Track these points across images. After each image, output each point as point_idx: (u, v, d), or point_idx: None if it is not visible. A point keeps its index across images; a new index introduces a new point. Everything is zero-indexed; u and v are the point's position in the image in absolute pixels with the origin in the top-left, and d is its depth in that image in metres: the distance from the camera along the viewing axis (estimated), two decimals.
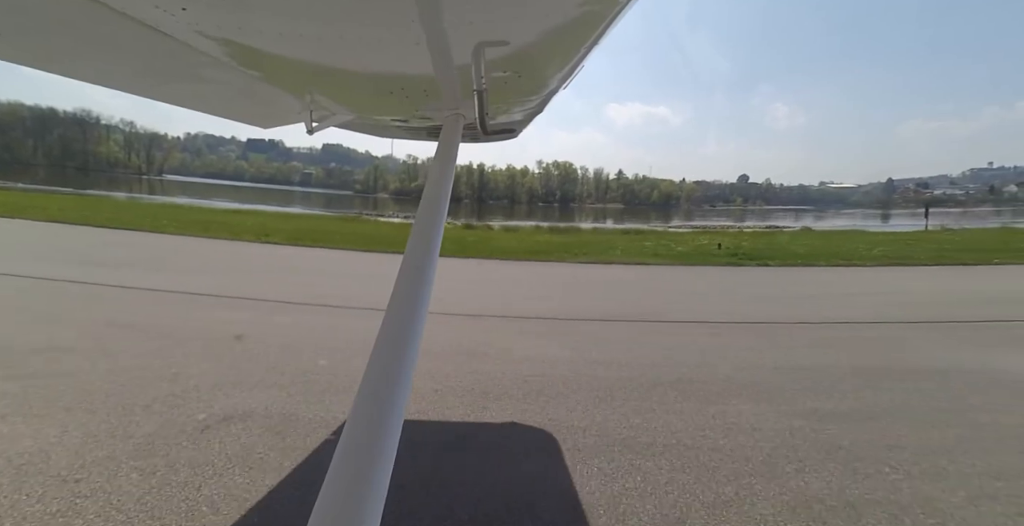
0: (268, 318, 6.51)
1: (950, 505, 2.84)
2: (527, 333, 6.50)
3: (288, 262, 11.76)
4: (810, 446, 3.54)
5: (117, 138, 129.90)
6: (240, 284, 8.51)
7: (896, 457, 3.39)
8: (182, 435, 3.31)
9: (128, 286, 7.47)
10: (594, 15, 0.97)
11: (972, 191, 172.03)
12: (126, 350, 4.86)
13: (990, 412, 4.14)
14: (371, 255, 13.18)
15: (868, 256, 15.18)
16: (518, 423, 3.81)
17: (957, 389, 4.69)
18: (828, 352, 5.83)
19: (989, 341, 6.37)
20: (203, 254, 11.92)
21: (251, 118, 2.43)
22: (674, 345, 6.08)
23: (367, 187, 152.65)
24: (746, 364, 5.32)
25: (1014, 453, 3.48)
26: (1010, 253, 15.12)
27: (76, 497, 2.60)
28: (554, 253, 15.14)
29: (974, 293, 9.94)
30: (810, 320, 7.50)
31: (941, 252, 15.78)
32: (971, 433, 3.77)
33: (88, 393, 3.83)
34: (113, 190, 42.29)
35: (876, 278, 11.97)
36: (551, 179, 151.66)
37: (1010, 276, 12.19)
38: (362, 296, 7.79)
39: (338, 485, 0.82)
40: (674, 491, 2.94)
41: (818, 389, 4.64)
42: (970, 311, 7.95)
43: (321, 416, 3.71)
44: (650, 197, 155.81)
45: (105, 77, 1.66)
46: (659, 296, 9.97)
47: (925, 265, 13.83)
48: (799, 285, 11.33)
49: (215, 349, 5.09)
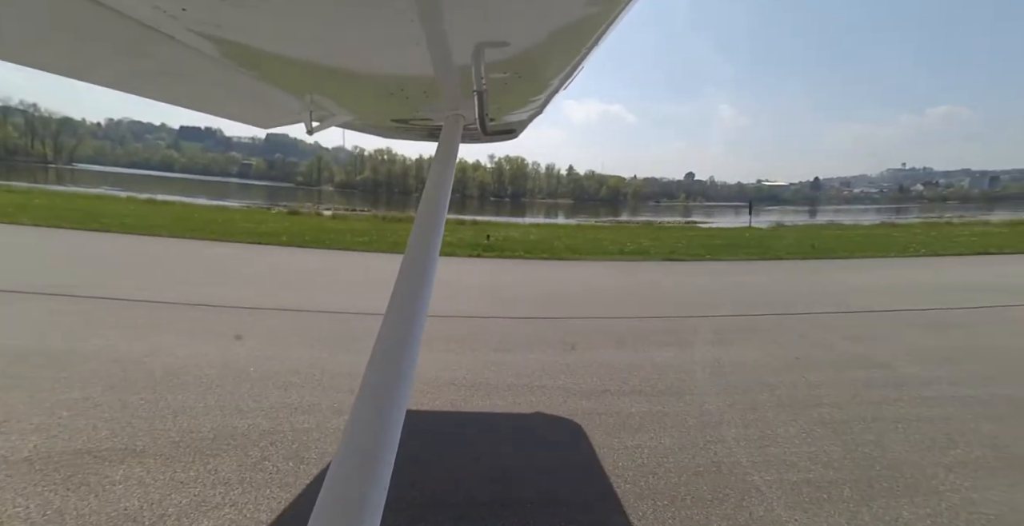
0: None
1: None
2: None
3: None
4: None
5: (16, 122, 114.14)
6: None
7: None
8: None
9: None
10: (594, 16, 0.98)
11: (885, 190, 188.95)
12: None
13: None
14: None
15: (602, 251, 15.08)
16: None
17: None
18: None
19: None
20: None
21: (251, 118, 2.41)
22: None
23: (309, 179, 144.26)
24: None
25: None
26: (748, 249, 15.79)
27: None
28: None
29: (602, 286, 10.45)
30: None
31: (679, 248, 16.02)
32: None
33: None
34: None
35: (526, 269, 12.14)
36: (503, 174, 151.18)
37: (676, 272, 12.51)
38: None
39: (338, 485, 0.82)
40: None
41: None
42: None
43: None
44: (599, 193, 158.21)
45: (105, 77, 1.65)
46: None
47: (649, 260, 13.91)
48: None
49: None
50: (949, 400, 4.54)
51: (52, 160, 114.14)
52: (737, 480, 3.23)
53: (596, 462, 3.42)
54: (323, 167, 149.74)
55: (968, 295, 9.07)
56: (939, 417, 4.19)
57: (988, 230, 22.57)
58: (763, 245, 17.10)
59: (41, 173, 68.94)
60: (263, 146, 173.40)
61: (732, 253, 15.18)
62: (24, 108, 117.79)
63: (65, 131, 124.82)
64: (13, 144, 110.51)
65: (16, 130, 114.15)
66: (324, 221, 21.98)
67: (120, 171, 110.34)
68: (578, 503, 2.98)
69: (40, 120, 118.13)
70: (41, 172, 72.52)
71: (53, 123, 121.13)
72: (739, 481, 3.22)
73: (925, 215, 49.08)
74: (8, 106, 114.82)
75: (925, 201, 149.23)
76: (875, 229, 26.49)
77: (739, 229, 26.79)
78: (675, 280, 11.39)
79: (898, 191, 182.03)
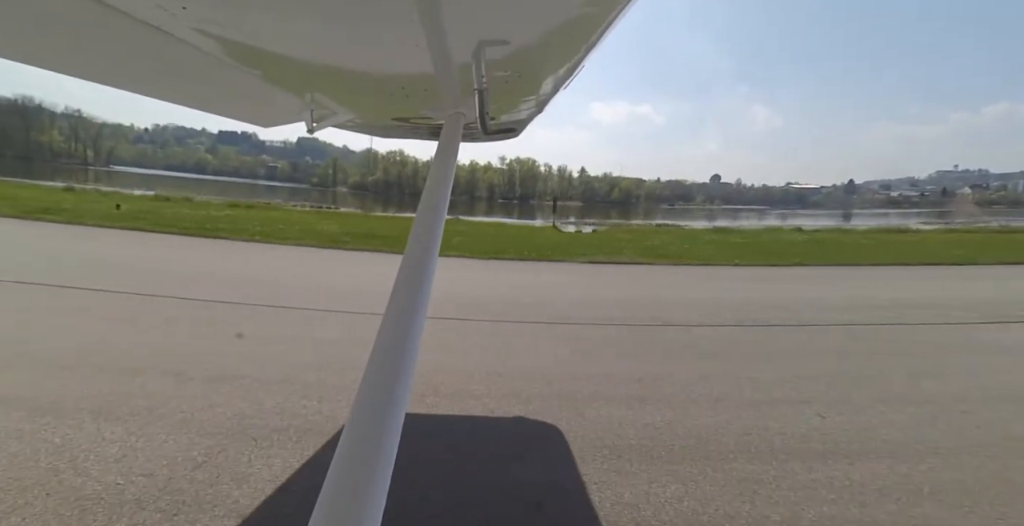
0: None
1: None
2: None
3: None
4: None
5: (63, 126, 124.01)
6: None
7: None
8: None
9: None
10: (596, 15, 0.97)
11: (927, 193, 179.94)
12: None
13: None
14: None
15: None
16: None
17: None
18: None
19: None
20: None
21: (252, 117, 2.41)
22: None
23: (324, 181, 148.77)
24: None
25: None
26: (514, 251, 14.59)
27: None
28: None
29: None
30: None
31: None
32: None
33: None
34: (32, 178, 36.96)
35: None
36: (514, 175, 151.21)
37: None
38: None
39: (338, 485, 0.82)
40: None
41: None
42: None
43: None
44: (610, 195, 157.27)
45: (105, 76, 1.65)
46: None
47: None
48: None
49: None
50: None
51: (92, 162, 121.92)
52: None
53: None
54: (338, 169, 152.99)
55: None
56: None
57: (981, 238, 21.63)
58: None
59: (81, 174, 73.17)
60: (293, 150, 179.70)
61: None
62: (70, 113, 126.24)
63: (109, 136, 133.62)
64: (58, 147, 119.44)
65: (61, 134, 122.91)
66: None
67: (156, 173, 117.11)
68: None
69: (81, 124, 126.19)
70: (81, 173, 76.97)
71: (94, 127, 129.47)
72: None
73: (938, 220, 46.93)
74: (54, 112, 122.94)
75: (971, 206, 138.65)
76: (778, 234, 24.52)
77: (543, 229, 24.59)
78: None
79: (941, 194, 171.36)
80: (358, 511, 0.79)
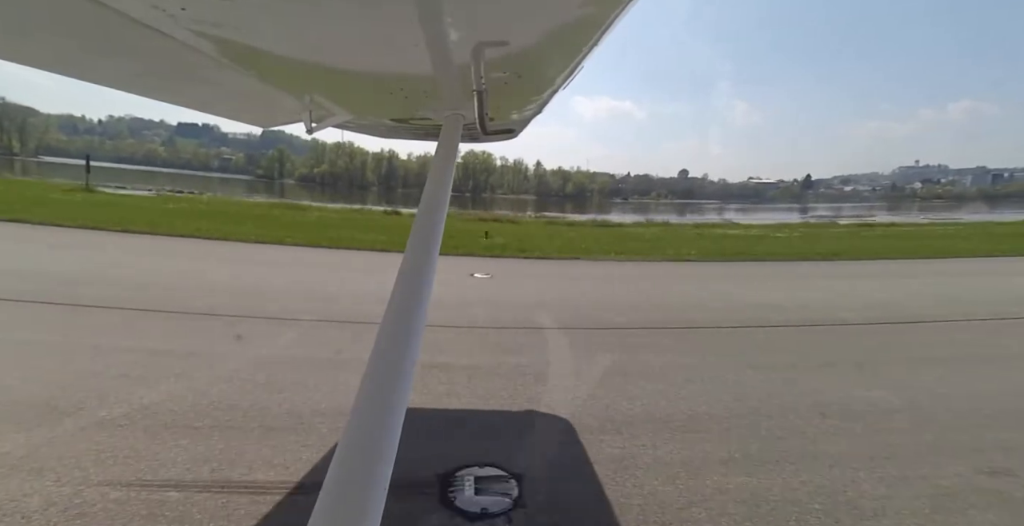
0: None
1: None
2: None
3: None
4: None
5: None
6: None
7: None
8: None
9: None
10: (595, 16, 0.98)
11: (878, 189, 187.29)
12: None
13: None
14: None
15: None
16: None
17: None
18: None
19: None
20: None
21: (251, 118, 2.40)
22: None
23: (269, 172, 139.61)
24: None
25: None
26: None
27: None
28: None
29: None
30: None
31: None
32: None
33: None
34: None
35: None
36: (467, 168, 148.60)
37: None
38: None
39: (338, 485, 0.82)
40: None
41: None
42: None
43: None
44: (563, 189, 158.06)
45: (105, 77, 1.64)
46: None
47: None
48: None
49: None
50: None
51: (18, 153, 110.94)
52: None
53: None
54: (285, 160, 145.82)
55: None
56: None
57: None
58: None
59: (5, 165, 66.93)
60: (258, 142, 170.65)
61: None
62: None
63: (62, 127, 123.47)
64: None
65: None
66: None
67: (98, 164, 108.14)
68: None
69: (6, 112, 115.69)
70: (5, 164, 70.41)
71: (19, 115, 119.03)
72: None
73: (862, 214, 47.06)
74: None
75: (919, 200, 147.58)
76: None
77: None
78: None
79: (890, 189, 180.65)
80: (358, 511, 0.79)
